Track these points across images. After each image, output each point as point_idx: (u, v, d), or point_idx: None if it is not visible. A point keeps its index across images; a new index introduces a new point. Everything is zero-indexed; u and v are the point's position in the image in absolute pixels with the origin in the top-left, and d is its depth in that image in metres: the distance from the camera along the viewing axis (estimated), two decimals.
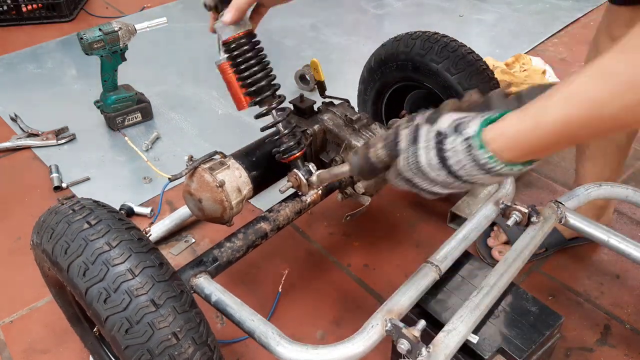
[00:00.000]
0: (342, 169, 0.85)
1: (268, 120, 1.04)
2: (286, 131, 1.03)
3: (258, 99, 1.00)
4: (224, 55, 0.99)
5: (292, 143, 1.03)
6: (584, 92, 0.56)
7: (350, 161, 0.80)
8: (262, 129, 1.04)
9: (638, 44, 0.53)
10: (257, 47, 1.00)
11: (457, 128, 0.65)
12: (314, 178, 0.99)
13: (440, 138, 0.65)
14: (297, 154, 1.03)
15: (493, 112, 0.66)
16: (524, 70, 1.99)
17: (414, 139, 0.68)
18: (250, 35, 0.98)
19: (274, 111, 1.02)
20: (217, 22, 0.95)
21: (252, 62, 0.98)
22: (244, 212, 1.11)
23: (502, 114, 0.64)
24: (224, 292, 0.88)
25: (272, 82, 1.02)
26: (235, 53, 0.97)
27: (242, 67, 0.98)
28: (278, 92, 1.03)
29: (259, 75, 0.99)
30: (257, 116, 1.04)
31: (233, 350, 1.14)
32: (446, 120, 0.66)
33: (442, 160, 0.65)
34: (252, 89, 0.99)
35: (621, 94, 0.53)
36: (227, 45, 0.97)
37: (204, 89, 2.08)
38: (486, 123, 0.64)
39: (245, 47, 0.97)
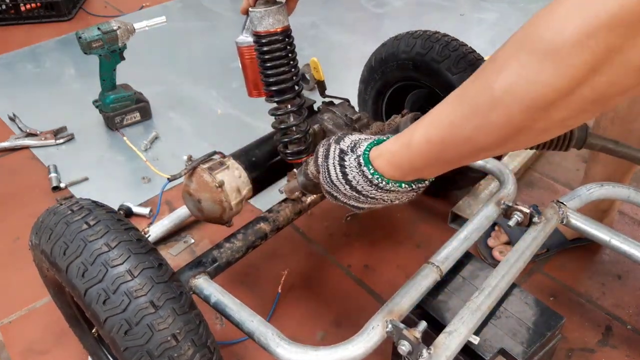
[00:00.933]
0: (294, 185, 0.88)
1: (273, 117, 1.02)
2: (299, 135, 1.02)
3: (278, 99, 0.98)
4: (247, 39, 0.95)
5: (302, 147, 1.02)
6: (443, 115, 0.60)
7: (297, 178, 0.85)
8: (276, 129, 1.03)
9: (488, 69, 0.54)
10: (290, 47, 0.95)
11: (353, 148, 0.71)
12: (284, 188, 0.97)
13: (342, 155, 0.72)
14: (305, 158, 1.03)
15: (388, 135, 0.71)
16: None
17: (326, 156, 0.74)
18: (286, 32, 0.94)
19: (292, 114, 1.00)
20: (253, 8, 0.90)
21: (281, 61, 0.94)
22: (244, 212, 1.10)
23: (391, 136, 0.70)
24: (224, 293, 0.88)
25: (296, 84, 0.98)
26: (265, 49, 0.93)
27: (269, 64, 0.94)
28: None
29: (285, 76, 0.96)
30: (273, 114, 1.02)
31: (233, 351, 1.13)
32: (348, 140, 0.73)
33: (344, 175, 0.71)
34: (274, 88, 0.96)
35: (469, 117, 0.56)
36: (258, 37, 0.93)
37: (203, 89, 2.07)
38: (374, 144, 0.71)
39: (278, 45, 0.93)
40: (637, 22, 0.42)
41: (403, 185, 0.69)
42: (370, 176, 0.68)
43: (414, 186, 0.70)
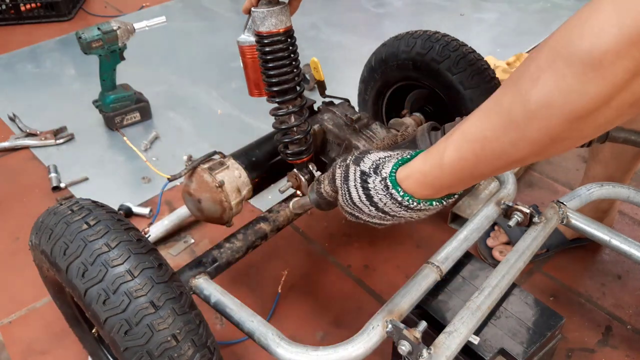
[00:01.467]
0: (305, 201, 0.87)
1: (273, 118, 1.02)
2: (300, 135, 1.01)
3: (280, 100, 0.98)
4: (249, 38, 0.94)
5: (303, 148, 1.02)
6: (475, 129, 0.58)
7: (309, 195, 0.84)
8: (276, 129, 1.03)
9: (522, 80, 0.52)
10: (292, 47, 0.95)
11: (376, 169, 0.69)
12: (290, 205, 0.97)
13: (364, 177, 0.70)
14: (305, 159, 1.03)
15: (409, 152, 0.70)
16: None
17: (345, 178, 0.72)
18: (288, 32, 0.93)
19: (293, 115, 1.00)
20: (256, 8, 0.90)
21: (283, 62, 0.94)
22: (244, 212, 1.10)
23: (416, 154, 0.68)
24: (224, 293, 0.88)
25: (298, 84, 0.98)
26: (268, 49, 0.93)
27: (271, 65, 0.94)
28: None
29: (287, 77, 0.95)
30: (274, 114, 1.02)
31: (233, 351, 1.13)
32: (368, 161, 0.71)
33: (369, 197, 0.69)
34: (276, 88, 0.96)
35: (505, 131, 0.54)
36: (260, 37, 0.92)
37: (203, 89, 2.07)
38: (399, 164, 0.69)
39: (280, 46, 0.93)
40: None
41: (434, 203, 0.68)
42: (400, 198, 0.67)
43: (444, 202, 0.69)
